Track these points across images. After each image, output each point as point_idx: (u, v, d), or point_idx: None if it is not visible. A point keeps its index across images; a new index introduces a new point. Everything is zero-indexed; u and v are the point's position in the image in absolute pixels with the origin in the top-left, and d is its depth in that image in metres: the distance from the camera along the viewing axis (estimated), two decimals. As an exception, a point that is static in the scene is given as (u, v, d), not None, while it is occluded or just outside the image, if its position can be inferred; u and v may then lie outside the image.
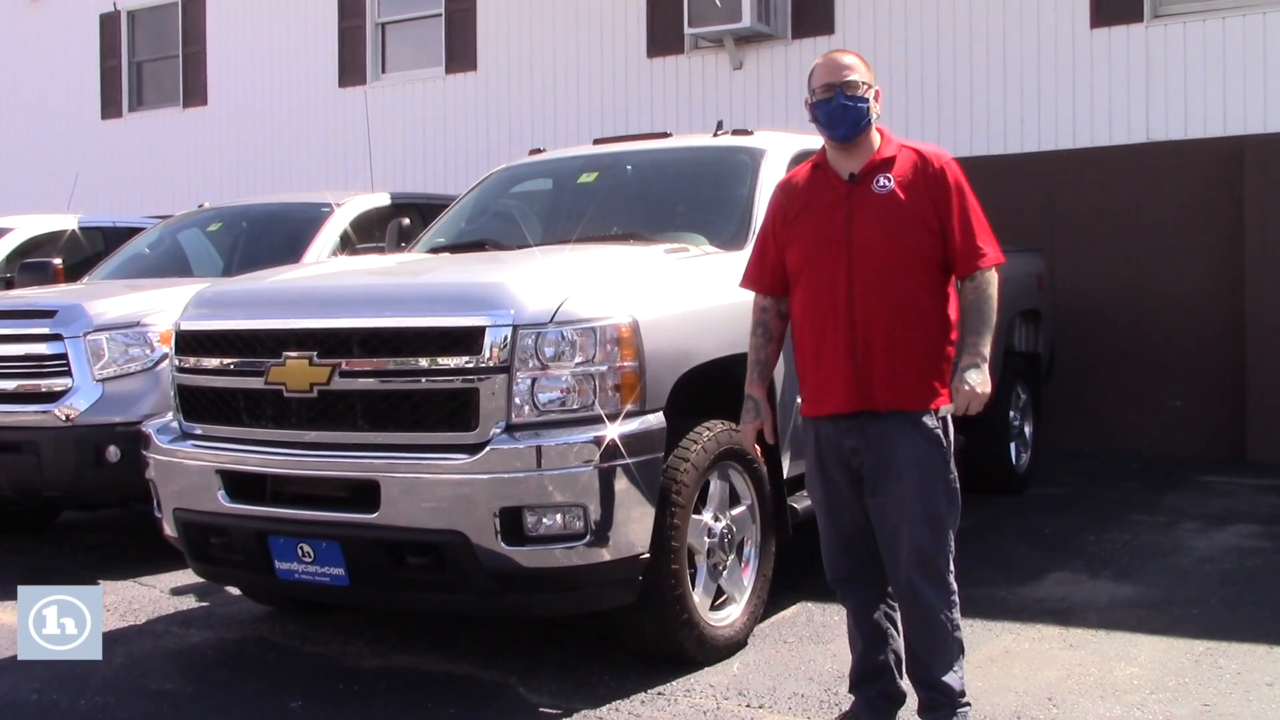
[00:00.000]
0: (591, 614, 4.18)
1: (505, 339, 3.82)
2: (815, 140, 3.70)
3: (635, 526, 3.90)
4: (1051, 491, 7.48)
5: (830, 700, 3.95)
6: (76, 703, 4.13)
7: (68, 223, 9.16)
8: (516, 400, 3.83)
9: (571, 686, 4.13)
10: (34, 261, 7.94)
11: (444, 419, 3.89)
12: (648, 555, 3.95)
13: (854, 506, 3.49)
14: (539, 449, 3.78)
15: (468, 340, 3.86)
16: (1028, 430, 7.66)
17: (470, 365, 3.84)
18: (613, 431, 3.82)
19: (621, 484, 3.84)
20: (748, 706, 3.93)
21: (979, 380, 3.29)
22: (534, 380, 3.83)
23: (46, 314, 6.14)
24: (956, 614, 3.43)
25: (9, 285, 8.05)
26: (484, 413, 3.82)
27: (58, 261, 7.89)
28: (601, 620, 4.29)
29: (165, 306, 5.91)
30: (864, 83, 3.42)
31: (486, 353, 3.83)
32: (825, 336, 3.41)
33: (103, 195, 13.64)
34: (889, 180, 3.40)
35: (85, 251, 8.96)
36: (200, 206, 8.58)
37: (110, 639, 4.70)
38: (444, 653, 4.56)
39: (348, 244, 7.21)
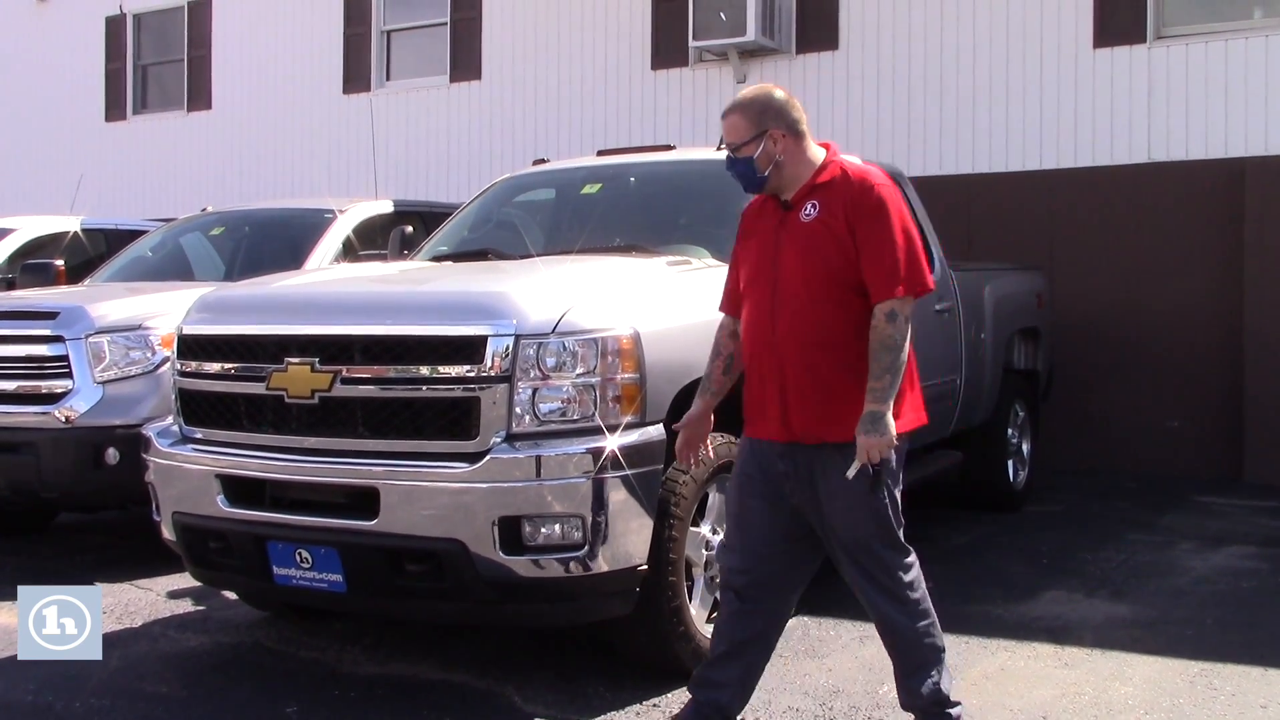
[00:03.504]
0: (588, 624, 4.18)
1: (507, 348, 3.83)
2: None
3: (633, 538, 3.91)
4: (1048, 509, 7.48)
5: (825, 714, 3.96)
6: (71, 705, 4.13)
7: (70, 224, 9.17)
8: (517, 410, 3.83)
9: (567, 697, 4.13)
10: (36, 263, 7.95)
11: (444, 427, 3.90)
12: (645, 567, 3.96)
13: (764, 525, 3.49)
14: (539, 459, 3.79)
15: (470, 349, 3.87)
16: (1025, 448, 7.67)
17: (472, 374, 3.85)
18: (612, 443, 3.83)
19: (620, 495, 3.85)
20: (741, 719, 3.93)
21: (871, 430, 3.20)
22: (535, 390, 3.84)
23: (48, 315, 6.15)
24: (924, 622, 3.44)
25: (11, 286, 8.06)
26: (484, 422, 3.83)
27: (60, 263, 7.91)
28: (598, 631, 4.29)
29: (167, 310, 5.93)
30: (746, 141, 3.42)
31: (488, 362, 3.84)
32: (757, 365, 3.45)
33: (105, 197, 13.64)
34: (815, 208, 3.38)
35: (87, 253, 8.98)
36: (203, 210, 8.60)
37: (107, 642, 4.68)
38: (440, 661, 4.56)
39: (350, 251, 7.22)
